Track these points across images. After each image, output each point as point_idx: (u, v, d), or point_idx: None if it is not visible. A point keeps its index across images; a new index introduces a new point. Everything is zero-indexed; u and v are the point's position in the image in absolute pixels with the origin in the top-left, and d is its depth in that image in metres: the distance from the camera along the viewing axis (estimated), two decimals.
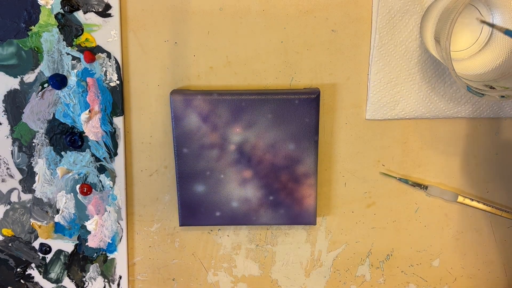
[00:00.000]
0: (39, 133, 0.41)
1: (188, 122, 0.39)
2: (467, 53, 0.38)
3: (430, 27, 0.35)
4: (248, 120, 0.39)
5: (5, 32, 0.39)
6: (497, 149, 0.42)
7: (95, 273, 0.45)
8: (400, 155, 0.42)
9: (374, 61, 0.39)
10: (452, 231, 0.44)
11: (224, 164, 0.40)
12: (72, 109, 0.40)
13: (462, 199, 0.43)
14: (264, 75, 0.40)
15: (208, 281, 0.46)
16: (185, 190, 0.41)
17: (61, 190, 0.42)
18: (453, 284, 0.46)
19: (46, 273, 0.45)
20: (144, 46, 0.40)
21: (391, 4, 0.38)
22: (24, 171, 0.42)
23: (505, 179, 0.43)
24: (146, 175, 0.43)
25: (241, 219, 0.41)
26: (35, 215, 0.43)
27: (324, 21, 0.39)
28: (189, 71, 0.40)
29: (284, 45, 0.40)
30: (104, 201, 0.43)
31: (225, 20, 0.39)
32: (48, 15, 0.38)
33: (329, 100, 0.41)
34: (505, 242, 0.45)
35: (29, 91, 0.40)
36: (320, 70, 0.40)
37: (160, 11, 0.39)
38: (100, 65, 0.39)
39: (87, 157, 0.42)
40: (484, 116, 0.41)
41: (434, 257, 0.45)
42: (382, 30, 0.38)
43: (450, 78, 0.40)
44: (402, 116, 0.41)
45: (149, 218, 0.44)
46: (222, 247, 0.45)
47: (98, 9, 0.38)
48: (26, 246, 0.44)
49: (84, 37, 0.39)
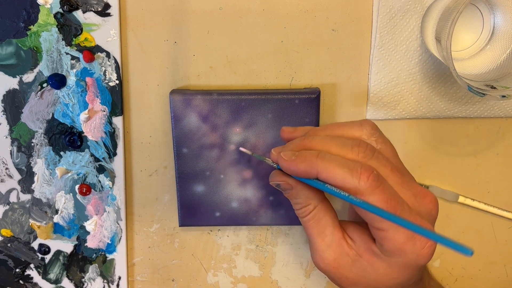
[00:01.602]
0: (38, 133, 0.41)
1: (187, 122, 0.39)
2: (468, 52, 0.38)
3: (431, 27, 0.35)
4: (248, 120, 0.39)
5: (4, 31, 0.38)
6: (498, 149, 0.42)
7: (94, 273, 0.44)
8: (401, 155, 0.42)
9: (375, 60, 0.39)
10: (453, 231, 0.44)
11: (224, 164, 0.40)
12: (71, 109, 0.40)
13: (463, 200, 0.43)
14: (264, 75, 0.40)
15: (208, 282, 0.46)
16: (185, 190, 0.40)
17: (60, 190, 0.42)
18: (453, 284, 0.46)
19: (45, 273, 0.44)
20: (144, 45, 0.39)
21: (391, 4, 0.38)
22: (23, 171, 0.42)
23: (506, 180, 0.43)
24: (145, 175, 0.43)
25: (241, 219, 0.41)
26: (34, 215, 0.43)
27: (324, 21, 0.39)
28: (188, 71, 0.40)
29: (284, 45, 0.39)
30: (104, 201, 0.42)
31: (225, 20, 0.39)
32: (47, 15, 0.38)
33: (329, 100, 0.41)
34: (506, 242, 0.45)
35: (28, 91, 0.40)
36: (320, 70, 0.40)
37: (160, 10, 0.39)
38: (100, 64, 0.39)
39: (86, 157, 0.41)
40: (485, 116, 0.41)
41: (434, 257, 0.45)
42: (382, 29, 0.38)
43: (451, 78, 0.39)
44: (403, 116, 0.41)
45: (148, 219, 0.44)
46: (222, 248, 0.45)
47: (98, 8, 0.38)
48: (25, 247, 0.44)
49: (83, 37, 0.39)
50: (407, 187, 0.28)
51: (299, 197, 0.31)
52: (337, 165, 0.27)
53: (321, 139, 0.29)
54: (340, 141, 0.28)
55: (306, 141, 0.30)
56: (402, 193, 0.27)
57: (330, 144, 0.28)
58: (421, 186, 0.29)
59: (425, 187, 0.42)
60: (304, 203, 0.30)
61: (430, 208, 0.28)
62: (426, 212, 0.28)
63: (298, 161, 0.28)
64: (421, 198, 0.28)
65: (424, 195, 0.28)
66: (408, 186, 0.28)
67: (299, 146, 0.30)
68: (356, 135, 0.30)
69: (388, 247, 0.27)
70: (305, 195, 0.30)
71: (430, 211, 0.28)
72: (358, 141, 0.28)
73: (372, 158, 0.27)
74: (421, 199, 0.28)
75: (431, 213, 0.28)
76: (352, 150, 0.28)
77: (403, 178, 0.28)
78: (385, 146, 0.29)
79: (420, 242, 0.27)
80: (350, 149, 0.28)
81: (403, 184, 0.28)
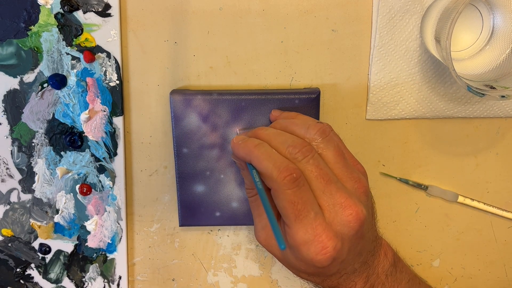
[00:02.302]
0: (38, 133, 0.41)
1: (188, 122, 0.39)
2: (467, 53, 0.38)
3: (430, 27, 0.35)
4: (248, 120, 0.39)
5: (4, 32, 0.39)
6: (498, 149, 0.42)
7: (94, 273, 0.44)
8: (401, 155, 0.42)
9: (374, 61, 0.39)
10: (453, 231, 0.44)
11: (224, 164, 0.40)
12: (72, 109, 0.40)
13: (463, 199, 0.43)
14: (264, 75, 0.40)
15: (208, 282, 0.46)
16: (185, 190, 0.40)
17: (61, 190, 0.42)
18: (453, 284, 0.46)
19: (46, 273, 0.45)
20: (144, 46, 0.40)
21: (391, 4, 0.38)
22: (23, 171, 0.42)
23: (505, 179, 0.43)
24: (145, 175, 0.43)
25: (241, 219, 0.41)
26: (34, 215, 0.43)
27: (324, 21, 0.39)
28: (189, 71, 0.40)
29: (284, 45, 0.39)
30: (104, 201, 0.42)
31: (225, 20, 0.39)
32: (47, 15, 0.38)
33: (329, 100, 0.41)
34: (505, 242, 0.45)
35: (28, 91, 0.40)
36: (320, 70, 0.40)
37: (160, 11, 0.39)
38: (100, 65, 0.39)
39: (86, 157, 0.41)
40: (484, 116, 0.41)
41: (434, 257, 0.45)
42: (382, 30, 0.38)
43: (450, 78, 0.40)
44: (403, 116, 0.41)
45: (149, 218, 0.44)
46: (222, 247, 0.45)
47: (98, 9, 0.38)
48: (26, 246, 0.44)
49: (83, 37, 0.39)
50: (328, 195, 0.29)
51: (246, 179, 0.35)
52: (266, 158, 0.30)
53: (270, 132, 0.33)
54: (283, 139, 0.31)
55: (259, 131, 0.33)
56: (321, 200, 0.29)
57: (274, 139, 0.32)
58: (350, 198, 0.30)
59: (424, 187, 0.42)
60: (249, 186, 0.35)
61: (348, 220, 0.29)
62: (343, 222, 0.29)
63: (241, 146, 0.32)
64: (341, 208, 0.29)
65: (346, 207, 0.29)
66: (331, 195, 0.30)
67: (253, 134, 0.34)
68: (301, 135, 0.32)
69: (289, 242, 0.30)
70: (250, 179, 0.34)
71: (349, 223, 0.29)
72: (298, 142, 0.31)
73: (301, 161, 0.30)
74: (340, 209, 0.29)
75: (349, 224, 0.29)
76: (286, 149, 0.30)
77: (327, 186, 0.30)
78: (326, 152, 0.31)
79: (315, 248, 0.29)
80: (285, 148, 0.30)
81: (325, 192, 0.29)
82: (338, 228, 0.29)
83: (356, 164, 0.34)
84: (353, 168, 0.32)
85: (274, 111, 0.38)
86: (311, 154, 0.30)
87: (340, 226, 0.29)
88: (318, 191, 0.30)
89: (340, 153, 0.32)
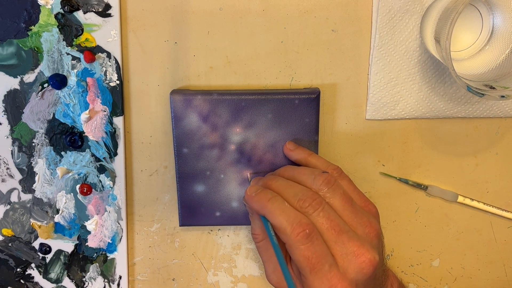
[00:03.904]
0: (39, 133, 0.41)
1: (188, 122, 0.39)
2: (467, 53, 0.38)
3: (430, 27, 0.35)
4: (248, 120, 0.39)
5: (5, 32, 0.39)
6: (497, 149, 0.42)
7: (95, 273, 0.45)
8: (400, 155, 0.42)
9: (374, 61, 0.39)
10: (452, 231, 0.44)
11: (224, 164, 0.40)
12: (72, 109, 0.40)
13: (462, 199, 0.43)
14: (264, 75, 0.40)
15: (208, 281, 0.46)
16: (185, 190, 0.41)
17: (61, 190, 0.42)
18: (453, 284, 0.46)
19: (46, 273, 0.45)
20: (144, 46, 0.40)
21: (391, 4, 0.38)
22: (24, 171, 0.42)
23: (505, 179, 0.43)
24: (146, 175, 0.43)
25: (241, 219, 0.41)
26: (35, 215, 0.43)
27: (324, 21, 0.39)
28: (189, 71, 0.40)
29: (284, 45, 0.40)
30: (104, 201, 0.43)
31: (225, 20, 0.39)
32: (48, 15, 0.38)
33: (329, 100, 0.41)
34: (505, 242, 0.45)
35: (29, 91, 0.40)
36: (320, 70, 0.40)
37: (160, 11, 0.39)
38: (100, 65, 0.39)
39: (87, 157, 0.42)
40: (484, 116, 0.41)
41: (434, 257, 0.45)
42: (382, 30, 0.38)
43: (450, 78, 0.40)
44: (402, 116, 0.41)
45: (149, 218, 0.44)
46: (222, 247, 0.45)
47: (98, 9, 0.38)
48: (26, 246, 0.44)
49: (84, 37, 0.39)
50: (341, 245, 0.31)
51: (254, 224, 0.36)
52: (279, 214, 0.31)
53: (280, 184, 0.34)
54: (294, 192, 0.32)
55: (271, 183, 0.35)
56: (335, 250, 0.31)
57: (285, 191, 0.33)
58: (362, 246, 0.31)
59: (424, 187, 0.43)
60: (256, 231, 0.36)
61: (362, 267, 0.30)
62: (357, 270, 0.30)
63: (255, 199, 0.33)
64: (354, 257, 0.30)
65: (359, 255, 0.30)
66: (343, 245, 0.31)
67: (265, 184, 0.35)
68: (308, 185, 0.33)
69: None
70: (258, 225, 0.35)
71: (362, 270, 0.30)
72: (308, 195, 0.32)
73: (313, 214, 0.31)
74: (354, 258, 0.30)
75: (363, 271, 0.30)
76: (297, 203, 0.32)
77: (338, 237, 0.31)
78: (333, 201, 0.32)
79: None
80: (296, 202, 0.32)
81: (337, 242, 0.31)
82: (353, 275, 0.30)
83: (367, 205, 0.34)
84: (363, 212, 0.33)
85: (289, 144, 0.39)
86: (321, 207, 0.31)
87: (354, 274, 0.30)
88: (330, 242, 0.31)
89: (347, 200, 0.32)
